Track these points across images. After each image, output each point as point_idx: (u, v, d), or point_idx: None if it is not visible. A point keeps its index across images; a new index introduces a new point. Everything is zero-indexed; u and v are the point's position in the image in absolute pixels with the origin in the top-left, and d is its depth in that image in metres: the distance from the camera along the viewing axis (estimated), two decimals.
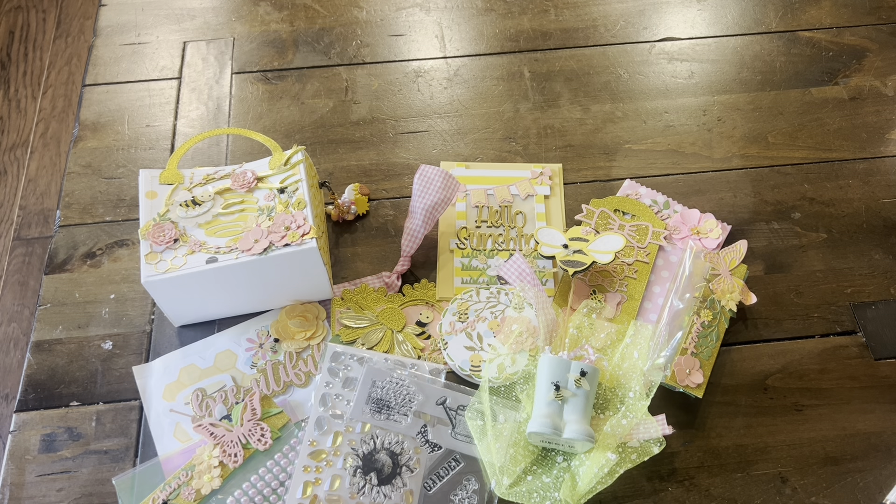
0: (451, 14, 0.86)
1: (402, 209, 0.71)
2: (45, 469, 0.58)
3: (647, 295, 0.64)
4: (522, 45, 0.84)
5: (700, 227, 0.68)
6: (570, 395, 0.55)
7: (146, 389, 0.61)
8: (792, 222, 0.70)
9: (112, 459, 0.58)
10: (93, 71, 0.82)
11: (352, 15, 0.86)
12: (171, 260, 0.58)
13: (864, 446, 0.58)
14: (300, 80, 0.81)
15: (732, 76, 0.81)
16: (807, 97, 0.79)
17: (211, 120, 0.78)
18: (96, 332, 0.64)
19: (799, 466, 0.57)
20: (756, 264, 0.67)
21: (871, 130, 0.76)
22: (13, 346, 1.21)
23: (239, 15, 0.87)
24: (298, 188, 0.62)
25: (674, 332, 0.60)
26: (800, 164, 0.74)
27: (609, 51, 0.83)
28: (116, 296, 0.66)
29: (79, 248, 0.69)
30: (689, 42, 0.84)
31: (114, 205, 0.72)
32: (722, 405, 0.60)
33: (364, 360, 0.61)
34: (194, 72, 0.82)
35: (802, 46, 0.83)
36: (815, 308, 0.65)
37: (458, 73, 0.82)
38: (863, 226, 0.70)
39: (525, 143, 0.76)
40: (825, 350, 0.63)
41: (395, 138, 0.77)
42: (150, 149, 0.76)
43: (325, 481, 0.55)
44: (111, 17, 0.86)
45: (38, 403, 0.61)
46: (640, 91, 0.80)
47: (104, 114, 0.79)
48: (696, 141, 0.76)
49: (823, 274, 0.67)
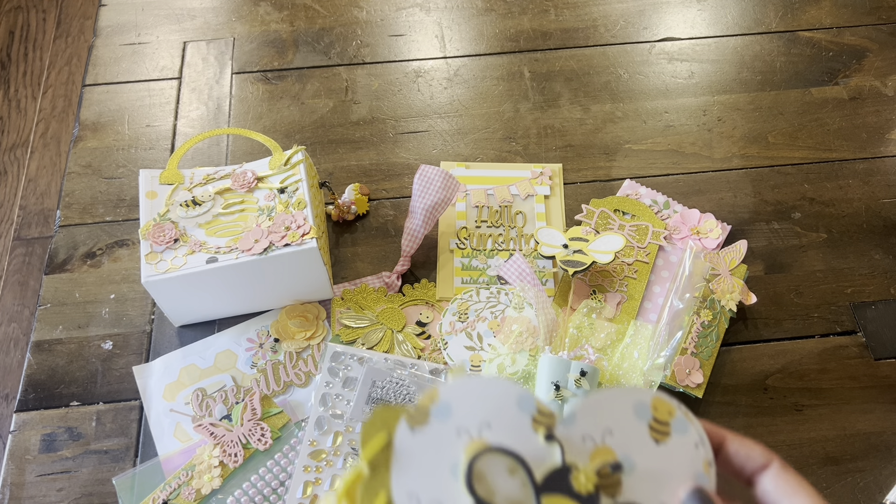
0: (452, 14, 0.86)
1: (402, 209, 0.71)
2: (46, 469, 0.58)
3: (647, 295, 0.64)
4: (522, 45, 0.84)
5: (700, 227, 0.68)
6: (570, 395, 0.55)
7: (146, 389, 0.61)
8: (792, 222, 0.70)
9: (112, 459, 0.58)
10: (93, 71, 0.82)
11: (352, 15, 0.86)
12: (171, 260, 0.58)
13: (864, 446, 0.58)
14: (300, 80, 0.81)
15: (732, 76, 0.81)
16: (807, 97, 0.79)
17: (211, 120, 0.78)
18: (96, 332, 0.64)
19: (799, 467, 0.57)
20: (756, 264, 0.67)
21: (871, 130, 0.76)
22: (13, 346, 1.21)
23: (239, 15, 0.87)
24: (298, 188, 0.62)
25: (674, 332, 0.60)
26: (800, 165, 0.74)
27: (609, 51, 0.83)
28: (116, 296, 0.66)
29: (79, 248, 0.69)
30: (689, 42, 0.83)
31: (114, 205, 0.72)
32: (722, 405, 0.60)
33: (364, 360, 0.61)
34: (194, 72, 0.82)
35: (802, 46, 0.83)
36: (815, 308, 0.65)
37: (458, 73, 0.82)
38: (863, 226, 0.70)
39: (525, 143, 0.76)
40: (825, 350, 0.63)
41: (395, 138, 0.77)
42: (151, 149, 0.76)
43: (325, 481, 0.55)
44: (111, 17, 0.86)
45: (39, 403, 0.61)
46: (640, 91, 0.80)
47: (104, 114, 0.79)
48: (697, 141, 0.76)
49: (823, 274, 0.67)
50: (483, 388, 0.31)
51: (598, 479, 0.29)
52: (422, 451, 0.30)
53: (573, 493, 0.29)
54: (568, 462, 0.29)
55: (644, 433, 0.30)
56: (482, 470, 0.29)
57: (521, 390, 0.31)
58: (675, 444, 0.30)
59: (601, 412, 0.30)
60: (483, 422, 0.30)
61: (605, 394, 0.31)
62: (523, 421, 0.30)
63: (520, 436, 0.30)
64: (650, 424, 0.30)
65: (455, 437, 0.30)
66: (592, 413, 0.30)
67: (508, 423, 0.30)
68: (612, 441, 0.30)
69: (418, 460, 0.30)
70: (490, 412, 0.30)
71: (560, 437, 0.30)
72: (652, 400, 0.30)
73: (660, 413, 0.30)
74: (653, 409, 0.30)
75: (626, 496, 0.29)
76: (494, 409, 0.30)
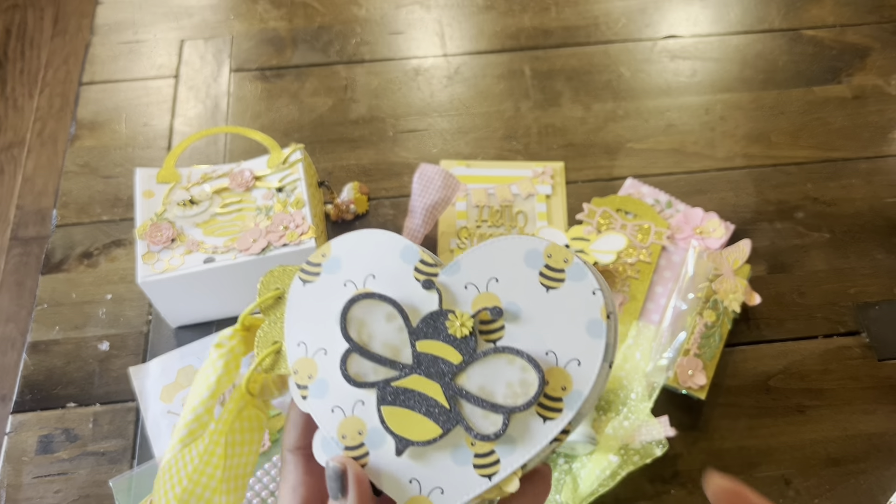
0: (452, 11, 0.86)
1: (402, 208, 0.71)
2: (42, 471, 0.57)
3: (649, 295, 0.64)
4: (523, 42, 0.83)
5: (703, 227, 0.68)
6: None
7: (143, 391, 0.60)
8: (794, 222, 0.70)
9: (109, 461, 0.58)
10: (90, 69, 0.81)
11: (351, 13, 0.86)
12: (168, 260, 0.58)
13: (867, 447, 0.58)
14: (299, 78, 0.80)
15: (735, 75, 0.80)
16: (809, 96, 0.78)
17: (209, 118, 0.77)
18: (93, 333, 0.64)
19: (802, 468, 0.57)
20: (759, 264, 0.67)
21: (874, 129, 0.76)
22: (10, 347, 1.21)
23: (237, 13, 0.86)
24: (297, 187, 0.61)
25: (676, 333, 0.59)
26: (802, 164, 0.74)
27: (611, 49, 0.82)
28: (113, 296, 0.66)
29: (76, 248, 0.68)
30: (691, 40, 0.83)
31: (111, 204, 0.71)
32: (725, 406, 0.60)
33: None
34: (192, 70, 0.81)
35: (805, 45, 0.82)
36: (817, 308, 0.65)
37: (458, 71, 0.81)
38: (866, 225, 0.70)
39: (526, 141, 0.75)
40: (828, 351, 0.62)
41: (394, 137, 0.76)
42: (148, 147, 0.75)
43: None
44: (108, 15, 0.86)
45: (35, 404, 0.60)
46: (642, 89, 0.79)
47: (101, 112, 0.78)
48: (699, 140, 0.75)
49: (826, 274, 0.67)
50: (370, 242, 0.31)
51: (475, 324, 0.28)
52: (311, 303, 0.31)
53: (448, 337, 0.28)
54: (445, 307, 0.29)
55: (534, 280, 0.29)
56: (361, 317, 0.29)
57: (407, 243, 0.30)
58: (568, 291, 0.28)
59: (487, 261, 0.29)
60: (368, 273, 0.30)
61: (494, 243, 0.30)
62: (406, 270, 0.30)
63: (401, 285, 0.30)
64: (541, 271, 0.29)
65: (342, 289, 0.30)
66: (478, 262, 0.29)
67: (391, 273, 0.30)
68: (497, 288, 0.29)
69: (307, 311, 0.31)
70: (375, 263, 0.30)
71: (441, 285, 0.29)
72: (546, 247, 0.29)
73: (554, 261, 0.29)
74: (545, 257, 0.29)
75: (508, 342, 0.28)
76: (379, 261, 0.30)
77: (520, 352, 0.27)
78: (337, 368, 0.29)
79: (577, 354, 0.27)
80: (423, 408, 0.28)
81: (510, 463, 0.27)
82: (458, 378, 0.28)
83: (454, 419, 0.28)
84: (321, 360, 0.30)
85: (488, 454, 0.27)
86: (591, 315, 0.28)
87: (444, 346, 0.28)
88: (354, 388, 0.29)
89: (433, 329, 0.29)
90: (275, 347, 0.31)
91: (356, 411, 0.29)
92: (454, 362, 0.28)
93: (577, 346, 0.27)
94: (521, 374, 0.27)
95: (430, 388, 0.28)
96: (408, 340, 0.29)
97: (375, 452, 0.28)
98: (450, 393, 0.28)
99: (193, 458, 0.32)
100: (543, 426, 0.27)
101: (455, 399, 0.28)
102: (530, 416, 0.27)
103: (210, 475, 0.32)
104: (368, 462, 0.29)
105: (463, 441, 0.28)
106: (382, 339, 0.29)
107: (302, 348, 0.30)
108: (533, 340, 0.28)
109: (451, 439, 0.28)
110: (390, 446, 0.28)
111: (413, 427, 0.28)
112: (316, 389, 0.30)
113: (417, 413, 0.28)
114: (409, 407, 0.28)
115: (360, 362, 0.29)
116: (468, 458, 0.28)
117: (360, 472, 0.28)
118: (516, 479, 0.27)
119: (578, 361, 0.27)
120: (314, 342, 0.30)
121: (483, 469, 0.27)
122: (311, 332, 0.30)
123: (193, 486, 0.32)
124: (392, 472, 0.28)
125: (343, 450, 0.29)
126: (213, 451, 0.32)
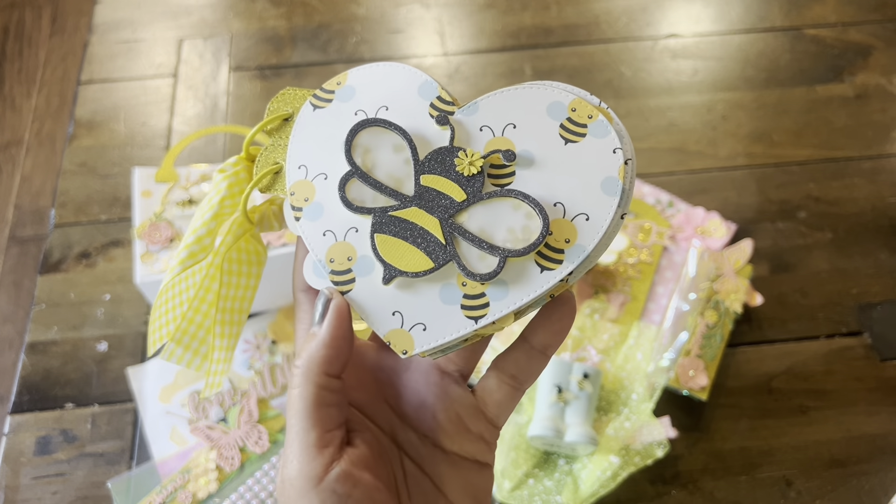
0: (452, 10, 0.85)
1: None
2: (40, 472, 0.57)
3: (650, 295, 0.64)
4: (524, 41, 0.83)
5: (705, 227, 0.67)
6: (572, 398, 0.54)
7: (141, 391, 0.60)
8: (797, 222, 0.69)
9: (107, 462, 0.57)
10: (88, 68, 0.81)
11: (350, 11, 0.85)
12: (166, 260, 0.57)
13: (870, 448, 0.58)
14: (298, 76, 0.80)
15: (737, 74, 0.80)
16: (812, 95, 0.78)
17: (207, 117, 0.77)
18: (91, 333, 0.63)
19: (804, 469, 0.57)
20: (761, 264, 0.67)
21: (877, 128, 0.76)
22: (8, 348, 1.20)
23: (236, 11, 0.85)
24: None
25: (678, 334, 0.59)
26: (805, 163, 0.73)
27: (612, 48, 0.82)
28: (112, 296, 0.65)
29: (74, 248, 0.68)
30: (693, 39, 0.83)
31: (109, 204, 0.71)
32: (726, 407, 0.59)
33: None
34: (191, 69, 0.81)
35: (807, 44, 0.82)
36: (820, 309, 0.64)
37: (458, 69, 0.81)
38: (869, 225, 0.69)
39: None
40: (831, 351, 0.62)
41: None
42: (146, 147, 0.75)
43: None
44: (106, 14, 0.85)
45: (33, 405, 0.60)
46: (643, 88, 0.79)
47: (99, 112, 0.77)
48: (701, 139, 0.75)
49: (829, 274, 0.66)
50: (388, 74, 0.30)
51: (484, 165, 0.27)
52: (318, 128, 0.30)
53: (455, 174, 0.27)
54: (456, 145, 0.28)
55: (553, 131, 0.27)
56: (367, 143, 0.28)
57: (427, 78, 0.29)
58: (587, 145, 0.27)
59: (508, 106, 0.28)
60: (382, 104, 0.29)
61: (518, 90, 0.28)
62: (422, 105, 0.29)
63: (415, 118, 0.29)
64: (563, 124, 0.27)
65: (352, 116, 0.29)
66: (498, 106, 0.28)
67: (406, 106, 0.29)
68: (513, 134, 0.28)
69: (313, 135, 0.30)
70: (391, 95, 0.29)
71: (455, 123, 0.28)
72: (572, 101, 0.28)
73: (578, 115, 0.27)
74: (570, 111, 0.27)
75: (516, 187, 0.27)
76: (395, 93, 0.29)
77: (527, 196, 0.26)
78: (335, 194, 0.28)
79: (587, 209, 0.26)
80: (417, 240, 0.27)
81: (499, 308, 0.26)
82: (458, 216, 0.27)
83: (448, 255, 0.26)
84: (320, 185, 0.29)
85: (478, 296, 0.26)
86: (609, 173, 0.26)
87: (449, 183, 0.27)
88: (349, 215, 0.28)
89: (440, 165, 0.28)
90: (275, 168, 0.30)
91: (348, 237, 0.28)
92: (457, 199, 0.27)
93: (589, 200, 0.26)
94: (525, 220, 0.26)
95: (429, 222, 0.27)
96: (412, 173, 0.28)
97: (362, 280, 0.27)
98: (448, 230, 0.27)
99: (190, 287, 0.31)
100: (540, 275, 0.26)
101: (452, 236, 0.27)
102: (528, 263, 0.26)
103: (205, 313, 0.31)
104: (354, 290, 0.27)
105: (454, 280, 0.27)
106: (387, 169, 0.28)
107: (302, 171, 0.29)
108: (543, 189, 0.27)
109: (441, 276, 0.27)
110: (378, 275, 0.27)
111: (404, 258, 0.27)
112: (310, 212, 0.29)
113: (411, 245, 0.27)
114: (403, 238, 0.27)
115: (359, 188, 0.28)
116: (457, 297, 0.26)
117: (343, 305, 0.27)
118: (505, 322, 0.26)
119: (587, 216, 0.26)
120: (315, 166, 0.29)
121: (470, 311, 0.26)
122: (313, 156, 0.29)
123: (188, 325, 0.31)
124: (376, 303, 0.27)
125: (329, 273, 0.28)
126: (209, 286, 0.31)
